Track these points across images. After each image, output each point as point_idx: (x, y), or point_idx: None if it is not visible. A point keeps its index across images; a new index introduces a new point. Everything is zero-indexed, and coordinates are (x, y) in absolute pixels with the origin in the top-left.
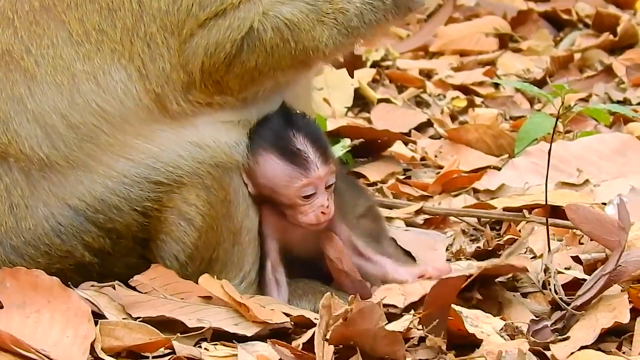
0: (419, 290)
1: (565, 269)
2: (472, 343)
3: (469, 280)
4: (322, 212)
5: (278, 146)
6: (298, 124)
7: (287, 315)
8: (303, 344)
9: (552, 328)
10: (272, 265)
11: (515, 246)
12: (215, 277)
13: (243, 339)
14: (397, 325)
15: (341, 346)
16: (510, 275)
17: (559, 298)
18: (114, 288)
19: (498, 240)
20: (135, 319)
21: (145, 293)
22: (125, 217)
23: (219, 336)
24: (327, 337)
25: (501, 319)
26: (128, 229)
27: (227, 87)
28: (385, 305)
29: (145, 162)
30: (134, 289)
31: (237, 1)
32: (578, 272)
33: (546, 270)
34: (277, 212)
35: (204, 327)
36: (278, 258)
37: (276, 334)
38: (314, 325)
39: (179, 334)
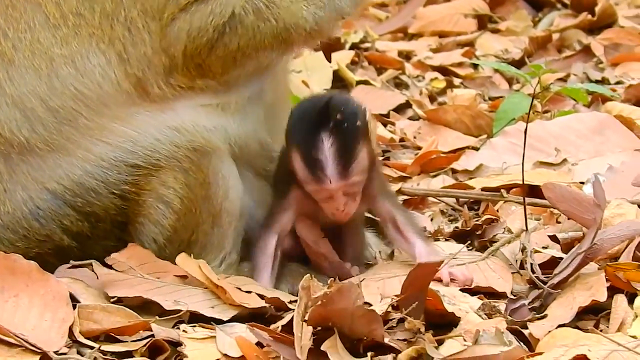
0: (397, 289)
1: (543, 248)
2: (449, 322)
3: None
4: (337, 212)
5: (303, 147)
6: (331, 129)
7: (262, 297)
8: (282, 326)
9: (529, 307)
10: (279, 239)
11: (498, 244)
12: (195, 258)
13: (221, 321)
14: (376, 308)
15: (319, 328)
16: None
17: (536, 277)
18: (92, 270)
19: (476, 220)
20: (112, 298)
21: (121, 272)
22: (103, 201)
23: (197, 318)
24: (306, 318)
25: (478, 298)
26: (106, 213)
27: (209, 70)
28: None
29: (123, 145)
30: (110, 267)
31: None
32: (555, 251)
33: (523, 249)
34: (301, 195)
35: (181, 310)
36: (288, 234)
37: (253, 316)
38: (289, 308)
39: (157, 317)
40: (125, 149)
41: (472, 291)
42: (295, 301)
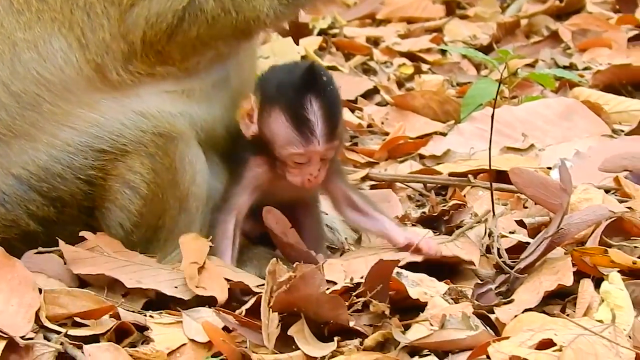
0: (361, 269)
1: (510, 232)
2: (416, 307)
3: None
4: (308, 179)
5: (291, 108)
6: (319, 91)
7: (228, 280)
8: (246, 309)
9: (496, 291)
10: (237, 221)
11: (465, 228)
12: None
13: (184, 304)
14: (338, 285)
15: (285, 314)
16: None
17: (503, 262)
18: (59, 255)
19: (443, 206)
20: (78, 280)
21: (88, 250)
22: (69, 186)
23: (164, 302)
24: (271, 304)
25: (445, 282)
26: (73, 198)
27: (169, 57)
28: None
29: (89, 130)
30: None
31: None
32: (522, 236)
33: (490, 234)
34: (268, 161)
35: (142, 289)
36: (246, 215)
37: (216, 299)
38: (255, 292)
39: (123, 301)
40: (91, 134)
41: (440, 277)
42: (262, 285)
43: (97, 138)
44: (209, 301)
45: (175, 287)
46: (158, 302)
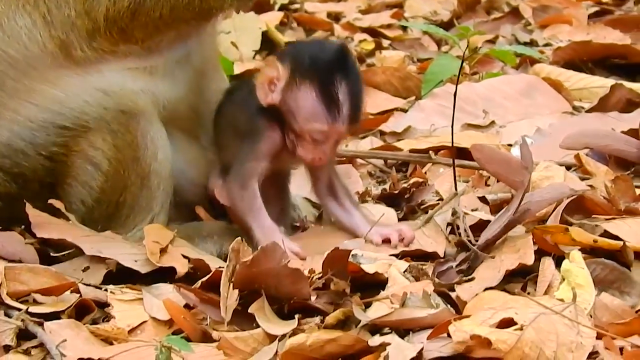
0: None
1: (472, 210)
2: (377, 285)
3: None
4: (319, 157)
5: (323, 85)
6: (349, 73)
7: (186, 257)
8: (206, 285)
9: (457, 269)
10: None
11: (433, 212)
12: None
13: (138, 273)
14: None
15: (246, 291)
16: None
17: (467, 239)
18: (20, 233)
19: (404, 183)
20: (38, 256)
21: (54, 216)
22: (31, 162)
23: (125, 278)
24: (232, 280)
25: (405, 260)
26: (35, 174)
27: (132, 35)
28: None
29: (51, 107)
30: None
31: None
32: (484, 214)
33: (454, 212)
34: (281, 131)
35: (102, 259)
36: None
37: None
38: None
39: (83, 278)
40: (54, 110)
41: (401, 254)
42: (221, 267)
43: (60, 115)
44: (167, 278)
45: (135, 261)
46: (119, 276)
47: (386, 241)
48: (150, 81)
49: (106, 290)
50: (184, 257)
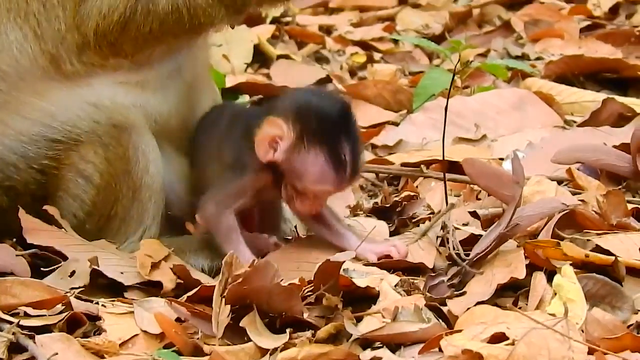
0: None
1: (463, 224)
2: (368, 299)
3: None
4: (315, 210)
5: (332, 149)
6: (352, 131)
7: (175, 274)
8: (197, 300)
9: (448, 284)
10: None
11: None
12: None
13: (122, 285)
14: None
15: (238, 306)
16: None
17: (456, 253)
18: (11, 245)
19: (396, 196)
20: (30, 268)
21: (47, 223)
22: (23, 175)
23: (116, 290)
24: (224, 294)
25: (397, 274)
26: (26, 187)
27: (121, 49)
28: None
29: (42, 120)
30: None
31: None
32: (475, 228)
33: (444, 226)
34: (273, 178)
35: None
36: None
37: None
38: (198, 282)
39: (75, 291)
40: (45, 123)
41: (392, 267)
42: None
43: (50, 128)
44: (159, 292)
45: (121, 273)
46: (111, 289)
47: (382, 258)
48: (142, 95)
49: (97, 303)
50: (174, 273)
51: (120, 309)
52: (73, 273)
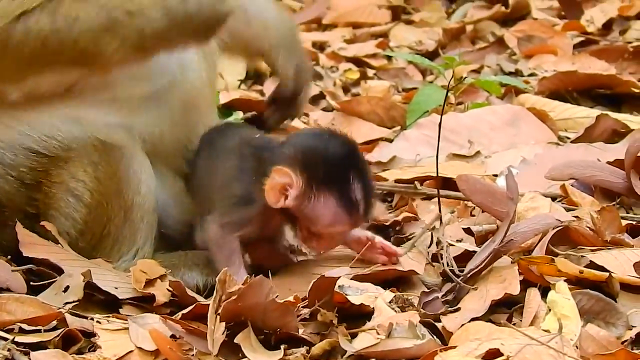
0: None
1: (457, 241)
2: (363, 315)
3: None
4: (332, 247)
5: (342, 192)
6: (360, 170)
7: (170, 290)
8: (191, 316)
9: (442, 300)
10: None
11: (415, 239)
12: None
13: (116, 298)
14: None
15: (233, 323)
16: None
17: (450, 270)
18: (6, 261)
19: (391, 212)
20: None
21: (44, 237)
22: (7, 188)
23: (111, 306)
24: (219, 312)
25: (391, 291)
26: (15, 203)
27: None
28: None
29: (19, 127)
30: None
31: None
32: (469, 245)
33: (438, 242)
34: (277, 212)
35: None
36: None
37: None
38: (195, 300)
39: (70, 308)
40: (22, 132)
41: (383, 277)
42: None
43: (28, 137)
44: (150, 308)
45: (116, 288)
46: (106, 305)
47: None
48: (128, 114)
49: (92, 319)
50: (170, 290)
51: (115, 325)
52: (67, 288)
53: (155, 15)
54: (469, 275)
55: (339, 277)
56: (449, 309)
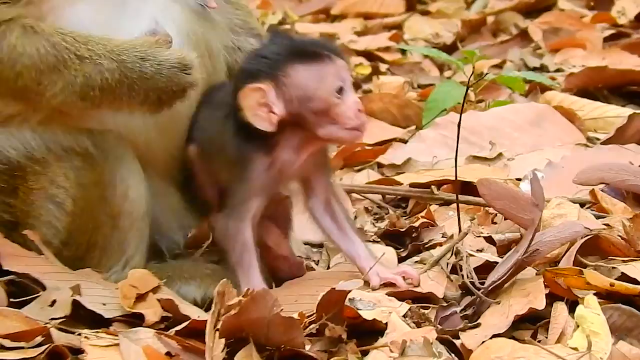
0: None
1: (478, 250)
2: (375, 331)
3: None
4: (359, 110)
5: (302, 58)
6: (295, 38)
7: (164, 309)
8: (177, 330)
9: (462, 315)
10: (252, 227)
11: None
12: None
13: (101, 317)
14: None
15: (232, 339)
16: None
17: (470, 282)
18: None
19: (407, 219)
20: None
21: (26, 249)
22: None
23: (99, 321)
24: (218, 327)
25: (406, 302)
26: None
27: None
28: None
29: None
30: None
31: None
32: (490, 255)
33: (457, 252)
34: (270, 163)
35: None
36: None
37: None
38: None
39: (56, 322)
40: (8, 145)
41: (398, 296)
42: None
43: (14, 150)
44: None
45: (103, 304)
46: (94, 320)
47: (388, 285)
48: (115, 116)
49: (80, 334)
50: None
51: (105, 341)
52: (54, 302)
53: (107, 66)
54: (490, 288)
55: (349, 291)
56: (468, 324)
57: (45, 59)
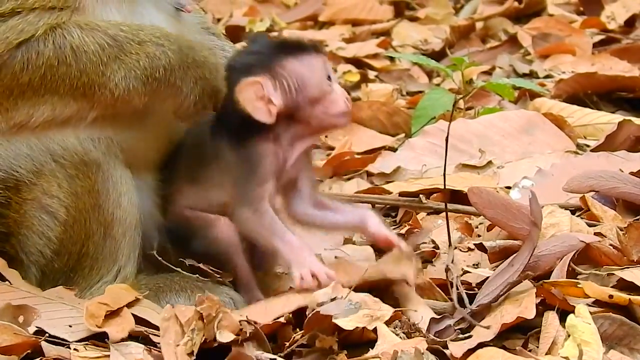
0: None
1: (471, 265)
2: (366, 342)
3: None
4: (345, 98)
5: (287, 49)
6: (268, 37)
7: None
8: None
9: (455, 328)
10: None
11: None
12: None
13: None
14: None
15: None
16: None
17: (458, 294)
18: None
19: (394, 227)
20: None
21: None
22: None
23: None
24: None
25: (393, 310)
26: None
27: None
28: (249, 322)
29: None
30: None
31: (32, 5)
32: (481, 269)
33: (447, 270)
34: (275, 151)
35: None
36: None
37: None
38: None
39: (47, 335)
40: (1, 157)
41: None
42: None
43: (4, 160)
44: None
45: (70, 326)
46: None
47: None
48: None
49: (69, 347)
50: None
51: (95, 353)
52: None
53: (169, 46)
54: (484, 302)
55: (333, 315)
56: (460, 335)
57: (109, 51)
